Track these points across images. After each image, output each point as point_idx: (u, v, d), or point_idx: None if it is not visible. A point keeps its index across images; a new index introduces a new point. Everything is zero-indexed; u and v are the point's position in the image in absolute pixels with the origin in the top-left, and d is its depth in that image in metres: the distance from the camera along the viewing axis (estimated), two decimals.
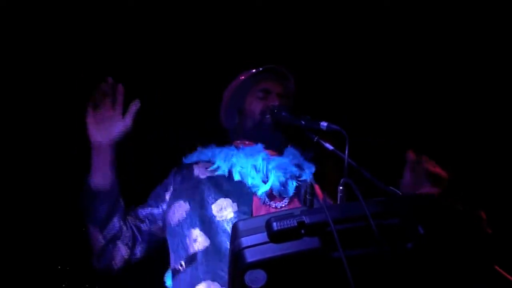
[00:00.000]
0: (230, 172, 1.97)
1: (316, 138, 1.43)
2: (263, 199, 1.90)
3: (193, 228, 1.86)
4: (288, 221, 1.11)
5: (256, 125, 2.13)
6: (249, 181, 1.92)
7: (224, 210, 1.87)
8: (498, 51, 2.82)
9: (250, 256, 1.09)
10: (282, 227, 1.11)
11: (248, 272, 1.08)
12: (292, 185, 1.92)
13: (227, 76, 2.34)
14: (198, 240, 1.82)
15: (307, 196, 1.27)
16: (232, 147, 2.11)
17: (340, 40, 2.99)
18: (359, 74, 3.03)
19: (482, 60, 2.86)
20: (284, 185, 1.93)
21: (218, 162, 2.01)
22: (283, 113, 1.96)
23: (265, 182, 1.93)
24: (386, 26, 2.92)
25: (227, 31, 2.95)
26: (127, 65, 2.83)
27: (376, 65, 3.00)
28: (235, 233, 1.13)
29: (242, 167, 1.97)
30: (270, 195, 1.92)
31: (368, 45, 2.98)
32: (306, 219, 1.12)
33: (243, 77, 2.26)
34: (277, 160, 2.00)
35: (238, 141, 2.18)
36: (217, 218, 1.85)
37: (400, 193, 1.38)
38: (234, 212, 1.85)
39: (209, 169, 2.01)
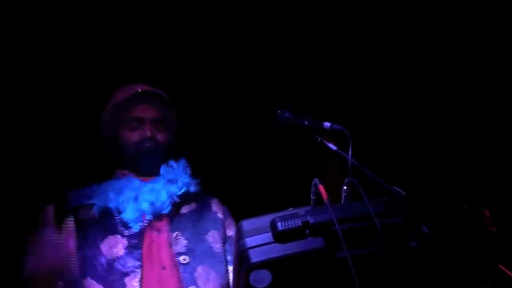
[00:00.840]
0: (109, 209, 1.98)
1: (319, 138, 1.43)
2: (145, 226, 1.94)
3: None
4: (292, 221, 1.12)
5: (132, 157, 2.10)
6: (126, 215, 1.95)
7: (114, 248, 1.89)
8: (498, 51, 2.82)
9: (255, 256, 1.09)
10: (287, 227, 1.11)
11: (253, 272, 1.08)
12: (165, 203, 1.98)
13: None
14: None
15: (311, 196, 1.27)
16: (110, 181, 2.10)
17: (340, 39, 2.99)
18: (359, 74, 3.02)
19: (482, 60, 2.86)
20: (156, 205, 1.98)
21: (96, 201, 2.01)
22: (286, 114, 1.96)
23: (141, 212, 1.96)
24: (386, 26, 2.92)
25: (226, 32, 2.94)
26: None
27: (376, 65, 3.00)
28: (240, 233, 1.13)
29: (117, 202, 1.98)
30: (155, 217, 1.97)
31: (368, 45, 2.98)
32: (310, 219, 1.13)
33: (114, 103, 2.17)
34: (148, 185, 2.03)
35: (119, 171, 2.16)
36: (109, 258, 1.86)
37: (404, 193, 1.38)
38: (125, 248, 1.88)
39: (89, 210, 1.99)
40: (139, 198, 1.99)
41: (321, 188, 1.26)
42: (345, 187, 1.25)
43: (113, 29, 2.81)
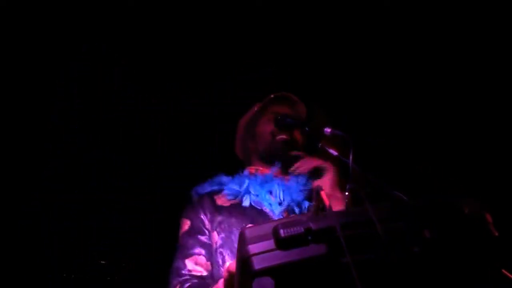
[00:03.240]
0: (247, 200, 1.99)
1: (320, 144, 1.43)
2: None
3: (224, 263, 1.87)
4: (295, 228, 1.11)
5: (267, 147, 2.12)
6: (267, 206, 1.95)
7: None
8: (498, 51, 2.82)
9: (258, 263, 1.09)
10: (289, 234, 1.10)
11: (255, 279, 1.08)
12: (305, 204, 1.95)
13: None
14: None
15: (313, 202, 1.27)
16: (244, 176, 2.10)
17: (340, 40, 2.98)
18: (359, 74, 3.02)
19: (482, 60, 2.86)
20: (299, 204, 1.95)
21: (235, 191, 2.02)
22: (288, 120, 1.97)
23: (280, 204, 1.95)
24: (386, 26, 2.92)
25: (226, 32, 2.94)
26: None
27: (376, 65, 3.00)
28: (242, 240, 1.13)
29: (257, 195, 1.99)
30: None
31: (368, 45, 2.98)
32: (312, 226, 1.12)
33: (256, 108, 2.28)
34: (288, 184, 2.01)
35: (253, 167, 2.18)
36: None
37: (405, 198, 1.38)
38: None
39: (229, 199, 2.02)
40: (280, 193, 2.00)
41: (323, 194, 1.26)
42: (346, 193, 1.25)
43: (113, 29, 2.81)
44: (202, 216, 2.00)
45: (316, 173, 1.95)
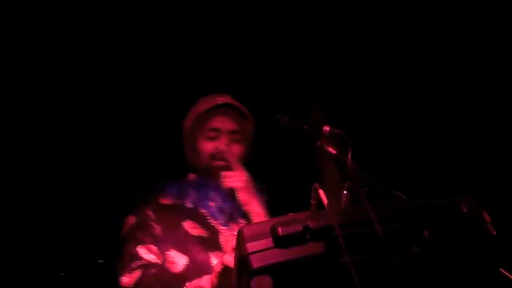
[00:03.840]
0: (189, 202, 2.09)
1: (318, 143, 1.43)
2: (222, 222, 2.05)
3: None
4: (293, 226, 1.12)
5: (206, 167, 2.17)
6: (207, 211, 2.07)
7: (194, 229, 2.01)
8: (498, 51, 2.82)
9: (256, 261, 1.09)
10: (287, 232, 1.11)
11: (254, 278, 1.08)
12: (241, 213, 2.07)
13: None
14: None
15: (311, 201, 1.27)
16: (188, 181, 2.20)
17: (340, 40, 2.99)
18: (359, 74, 3.02)
19: (482, 60, 2.86)
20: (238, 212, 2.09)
21: (178, 193, 2.11)
22: (285, 119, 1.97)
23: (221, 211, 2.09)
24: (387, 26, 2.92)
25: (226, 32, 2.94)
26: None
27: (376, 65, 3.00)
28: (240, 238, 1.13)
29: (199, 200, 2.09)
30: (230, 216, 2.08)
31: (368, 45, 2.98)
32: (311, 224, 1.13)
33: (195, 112, 2.24)
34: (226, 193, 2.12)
35: (191, 175, 2.25)
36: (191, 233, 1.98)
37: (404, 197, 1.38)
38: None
39: (172, 199, 2.11)
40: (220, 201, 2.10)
41: (321, 192, 1.26)
42: (345, 192, 1.26)
43: (113, 29, 2.81)
44: (148, 212, 2.04)
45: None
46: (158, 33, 2.90)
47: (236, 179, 2.08)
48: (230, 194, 2.10)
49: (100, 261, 2.88)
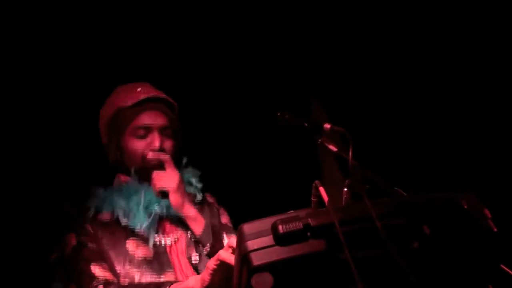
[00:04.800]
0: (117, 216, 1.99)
1: (320, 140, 1.43)
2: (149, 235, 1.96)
3: None
4: (293, 224, 1.11)
5: (138, 168, 2.03)
6: (132, 222, 1.96)
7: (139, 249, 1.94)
8: (498, 51, 2.82)
9: (256, 259, 1.09)
10: (288, 229, 1.11)
11: (254, 275, 1.08)
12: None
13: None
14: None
15: (312, 198, 1.27)
16: (112, 187, 2.08)
17: (341, 40, 2.99)
18: (359, 74, 3.02)
19: (482, 60, 2.86)
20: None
21: (105, 207, 2.00)
22: (286, 116, 1.97)
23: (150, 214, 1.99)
24: (387, 26, 2.93)
25: (227, 32, 2.94)
26: None
27: (376, 64, 3.00)
28: (241, 236, 1.13)
29: (125, 209, 1.99)
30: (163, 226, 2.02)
31: (368, 45, 2.98)
32: (311, 221, 1.13)
33: (115, 107, 2.05)
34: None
35: (121, 176, 2.11)
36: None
37: (404, 193, 1.38)
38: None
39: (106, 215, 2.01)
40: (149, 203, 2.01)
41: (321, 190, 1.26)
42: (345, 189, 1.25)
43: (112, 29, 2.81)
44: (88, 228, 1.94)
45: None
46: (158, 33, 2.89)
47: (168, 180, 1.97)
48: (162, 197, 2.00)
49: None
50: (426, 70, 2.96)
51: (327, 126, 1.41)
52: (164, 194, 1.99)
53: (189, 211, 2.02)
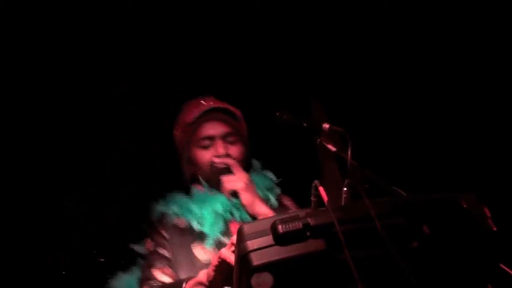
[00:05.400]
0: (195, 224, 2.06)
1: (319, 140, 1.43)
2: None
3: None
4: (293, 224, 1.11)
5: (209, 176, 2.14)
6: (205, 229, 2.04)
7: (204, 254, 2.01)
8: (498, 51, 2.83)
9: (256, 259, 1.09)
10: (288, 229, 1.11)
11: (254, 275, 1.08)
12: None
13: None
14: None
15: (311, 198, 1.27)
16: (188, 196, 2.16)
17: (341, 40, 2.99)
18: (359, 74, 3.02)
19: (482, 60, 2.86)
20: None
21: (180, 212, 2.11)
22: (285, 116, 1.97)
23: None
24: (387, 27, 2.93)
25: (227, 33, 2.94)
26: None
27: (376, 64, 3.00)
28: (240, 236, 1.13)
29: (198, 216, 2.07)
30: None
31: (368, 45, 2.98)
32: (311, 221, 1.12)
33: (183, 122, 2.20)
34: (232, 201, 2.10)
35: (197, 186, 2.20)
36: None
37: (404, 193, 1.38)
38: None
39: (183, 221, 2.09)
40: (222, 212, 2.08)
41: (321, 189, 1.26)
42: (345, 189, 1.25)
43: (113, 29, 2.81)
44: (163, 233, 2.07)
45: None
46: (158, 33, 2.90)
47: (237, 181, 2.07)
48: (233, 197, 2.08)
49: (101, 260, 2.88)
50: (425, 71, 2.96)
51: (326, 126, 1.42)
52: (234, 195, 2.07)
53: (261, 209, 2.07)
